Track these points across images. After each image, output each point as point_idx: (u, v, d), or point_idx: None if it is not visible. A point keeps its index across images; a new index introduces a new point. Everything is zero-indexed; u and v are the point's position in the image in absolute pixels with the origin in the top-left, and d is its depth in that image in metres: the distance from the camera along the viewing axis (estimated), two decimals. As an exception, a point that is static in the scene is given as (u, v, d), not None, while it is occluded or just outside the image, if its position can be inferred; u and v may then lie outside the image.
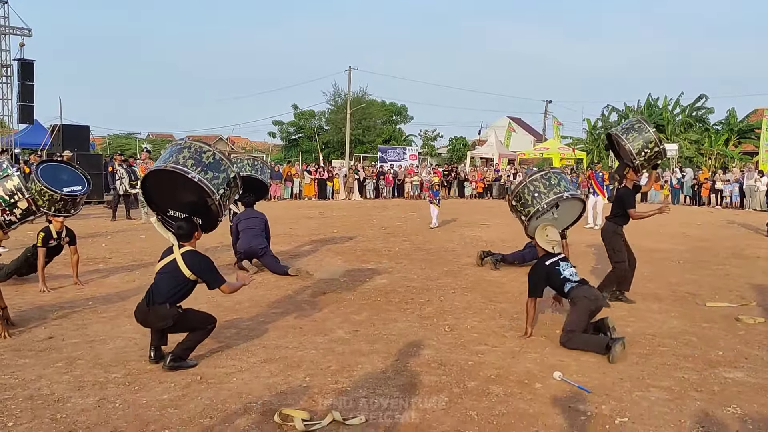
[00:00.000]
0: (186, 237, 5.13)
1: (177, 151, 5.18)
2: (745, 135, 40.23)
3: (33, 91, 22.85)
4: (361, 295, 7.66)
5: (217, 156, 5.23)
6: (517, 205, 6.79)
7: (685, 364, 5.12)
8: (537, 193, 6.60)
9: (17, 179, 6.38)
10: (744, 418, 4.11)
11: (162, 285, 5.00)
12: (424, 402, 4.30)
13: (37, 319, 6.33)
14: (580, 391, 4.52)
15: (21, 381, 4.60)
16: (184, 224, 5.15)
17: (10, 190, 6.32)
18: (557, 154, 36.11)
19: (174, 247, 5.12)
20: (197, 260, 5.06)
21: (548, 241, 6.00)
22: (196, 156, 5.12)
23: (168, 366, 4.83)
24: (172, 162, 5.06)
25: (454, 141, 53.02)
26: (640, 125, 7.48)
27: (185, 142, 5.34)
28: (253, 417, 4.02)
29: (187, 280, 5.01)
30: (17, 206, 6.35)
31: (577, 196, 6.78)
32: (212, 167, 5.14)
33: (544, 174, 6.80)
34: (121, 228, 14.41)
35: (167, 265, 5.05)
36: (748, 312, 6.90)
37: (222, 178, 5.18)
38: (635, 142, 7.31)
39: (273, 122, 51.75)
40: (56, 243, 7.91)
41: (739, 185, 23.78)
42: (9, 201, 6.31)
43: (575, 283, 5.74)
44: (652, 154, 7.40)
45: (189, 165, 5.04)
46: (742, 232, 15.25)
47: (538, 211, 6.52)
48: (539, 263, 5.98)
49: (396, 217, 18.36)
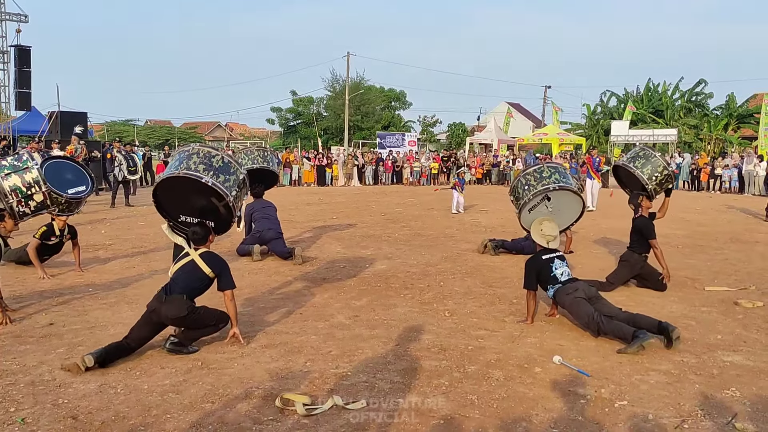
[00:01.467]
0: (201, 241, 5.20)
1: (186, 157, 5.18)
2: (745, 120, 40.20)
3: (30, 77, 22.69)
4: (361, 281, 7.67)
5: (226, 159, 5.25)
6: (514, 200, 6.80)
7: (684, 348, 5.13)
8: (528, 185, 6.61)
9: (36, 172, 6.39)
10: (743, 400, 4.13)
11: (179, 281, 5.06)
12: (424, 386, 4.32)
13: (37, 306, 6.34)
14: (580, 374, 4.55)
15: (22, 367, 4.61)
16: (199, 229, 5.20)
17: (29, 182, 6.33)
18: (556, 139, 36.03)
19: (189, 251, 5.19)
20: (216, 259, 5.20)
21: (542, 235, 5.95)
22: (206, 161, 5.12)
23: (167, 348, 4.84)
24: (184, 168, 5.05)
25: (453, 127, 52.95)
26: (644, 152, 7.55)
27: (192, 148, 5.31)
28: (255, 402, 4.03)
29: (206, 277, 5.10)
30: (33, 198, 6.37)
31: (567, 187, 6.67)
32: (223, 170, 5.16)
33: (537, 168, 6.80)
34: (120, 215, 14.39)
35: (185, 266, 5.12)
36: (747, 296, 6.92)
37: (233, 180, 5.21)
38: (644, 168, 7.35)
39: (271, 109, 51.81)
40: (57, 240, 7.91)
41: (738, 170, 23.76)
42: (26, 193, 6.32)
43: (560, 285, 5.72)
44: (663, 178, 7.41)
45: (201, 170, 5.05)
46: (741, 217, 15.26)
47: (525, 202, 6.50)
48: (536, 256, 5.95)
49: (395, 203, 18.36)
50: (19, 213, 6.31)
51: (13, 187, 6.22)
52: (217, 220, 5.44)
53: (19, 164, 6.33)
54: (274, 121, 52.67)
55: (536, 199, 6.53)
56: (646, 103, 43.56)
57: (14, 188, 6.23)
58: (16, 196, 6.25)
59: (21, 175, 6.28)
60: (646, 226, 7.18)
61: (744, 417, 3.88)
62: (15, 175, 6.26)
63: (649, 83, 44.75)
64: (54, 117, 22.33)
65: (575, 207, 7.00)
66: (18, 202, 6.26)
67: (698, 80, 41.90)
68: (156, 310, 4.90)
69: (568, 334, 5.49)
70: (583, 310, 5.46)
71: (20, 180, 6.27)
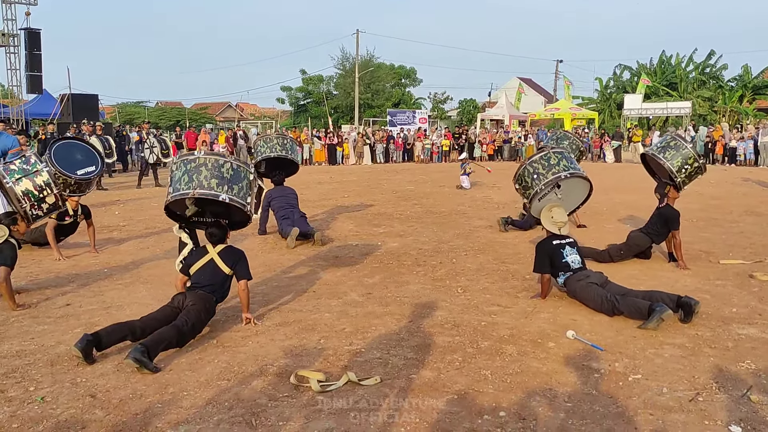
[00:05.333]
0: (220, 241, 5.21)
1: (195, 170, 4.96)
2: (760, 91, 39.55)
3: (41, 60, 22.74)
4: (374, 259, 7.69)
5: (235, 165, 5.09)
6: (520, 189, 6.71)
7: (699, 321, 5.11)
8: (536, 174, 6.49)
9: (46, 174, 6.41)
10: (758, 373, 4.12)
11: (203, 279, 5.07)
12: (437, 362, 4.34)
13: (54, 287, 6.41)
14: (594, 349, 4.55)
15: (40, 347, 4.68)
16: (216, 230, 5.20)
17: (40, 186, 6.36)
18: (568, 114, 35.71)
19: (207, 246, 5.20)
20: (234, 254, 5.20)
21: (554, 222, 5.92)
22: (216, 173, 4.95)
23: (131, 357, 4.14)
24: (197, 187, 4.89)
25: (464, 103, 52.55)
26: (676, 142, 7.40)
27: (198, 159, 5.05)
28: (270, 379, 4.07)
29: (225, 276, 5.13)
30: (45, 201, 6.41)
31: (578, 174, 6.62)
32: (235, 179, 5.02)
33: (543, 155, 6.67)
34: (133, 196, 14.48)
35: (206, 265, 5.12)
36: (762, 269, 6.86)
37: (245, 185, 5.11)
38: (674, 159, 7.22)
39: (281, 88, 51.65)
40: (72, 220, 7.97)
41: (754, 142, 23.46)
42: (38, 196, 6.35)
43: (571, 273, 5.70)
44: (692, 170, 7.29)
45: (215, 186, 4.90)
46: (757, 190, 15.11)
47: (537, 192, 6.44)
48: (547, 240, 5.92)
49: (406, 180, 18.32)
50: (32, 216, 6.37)
51: (26, 191, 6.26)
52: (231, 218, 5.43)
53: (28, 167, 6.37)
54: (284, 101, 52.48)
55: (547, 189, 6.46)
56: (659, 75, 42.95)
57: (27, 192, 6.27)
58: (29, 200, 6.29)
59: (32, 179, 6.32)
60: (673, 216, 7.10)
61: (759, 389, 3.87)
62: (26, 179, 6.30)
63: (663, 56, 44.12)
64: (65, 100, 22.41)
65: (583, 190, 6.92)
66: (31, 206, 6.32)
67: (709, 52, 41.28)
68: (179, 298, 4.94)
69: (581, 310, 5.48)
70: (595, 292, 5.43)
71: (32, 184, 6.31)
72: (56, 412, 3.63)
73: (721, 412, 3.58)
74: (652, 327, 4.89)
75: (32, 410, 3.65)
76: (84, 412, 3.62)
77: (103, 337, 4.43)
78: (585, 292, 5.52)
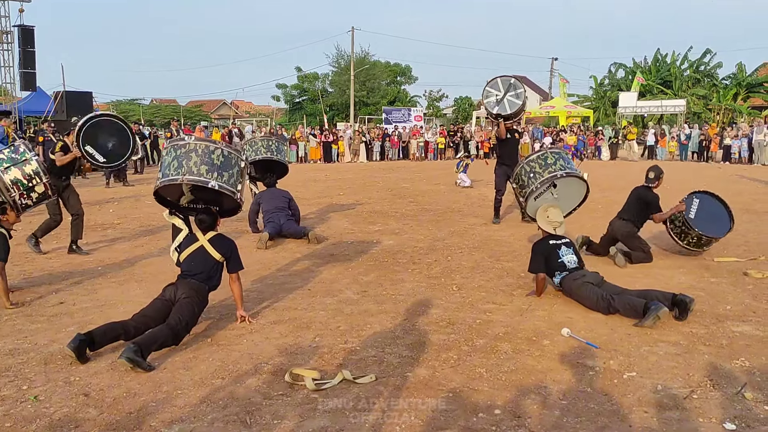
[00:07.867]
0: (210, 228, 5.13)
1: (184, 156, 4.88)
2: (754, 89, 39.69)
3: (34, 57, 22.62)
4: (369, 257, 7.67)
5: (226, 152, 5.01)
6: (517, 188, 6.71)
7: (693, 319, 5.12)
8: (533, 173, 6.50)
9: (35, 163, 6.40)
10: (752, 370, 4.13)
11: (194, 266, 4.99)
12: (432, 360, 4.34)
13: (47, 285, 6.38)
14: (589, 347, 4.55)
15: (34, 345, 4.66)
16: (206, 217, 5.11)
17: (29, 174, 6.34)
18: (563, 112, 35.72)
19: (197, 234, 5.11)
20: (225, 243, 5.12)
21: (549, 222, 5.94)
22: (206, 159, 4.87)
23: (124, 357, 4.11)
24: (186, 173, 4.81)
25: (459, 101, 52.56)
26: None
27: (188, 144, 4.95)
28: (264, 377, 4.06)
29: (216, 263, 5.05)
30: (34, 190, 6.39)
31: (574, 174, 6.61)
32: (225, 166, 4.94)
33: (540, 154, 6.69)
34: (127, 194, 14.43)
35: (195, 252, 5.04)
36: (757, 266, 6.88)
37: (236, 172, 5.03)
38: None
39: (276, 85, 51.50)
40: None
41: (748, 140, 23.53)
42: (27, 185, 6.33)
43: (567, 272, 5.69)
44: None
45: (204, 172, 4.82)
46: (751, 187, 15.13)
47: (532, 191, 6.43)
48: (543, 240, 5.93)
49: (402, 178, 18.31)
50: (21, 205, 6.33)
51: (15, 180, 6.24)
52: (221, 205, 5.34)
53: (17, 156, 6.35)
54: (280, 98, 52.49)
55: (543, 188, 6.46)
56: (654, 73, 43.04)
57: (15, 181, 6.24)
58: (18, 189, 6.27)
59: (21, 168, 6.30)
60: (656, 201, 7.21)
61: (754, 387, 3.87)
62: (15, 168, 6.27)
63: (658, 54, 44.18)
64: (59, 97, 22.32)
65: (579, 191, 6.92)
66: (20, 195, 6.28)
67: (705, 50, 41.40)
68: (172, 289, 4.87)
69: (576, 308, 5.48)
70: (591, 290, 5.43)
71: (21, 173, 6.28)
72: (50, 411, 3.61)
73: (715, 410, 3.58)
74: (648, 325, 4.89)
75: (25, 409, 3.63)
76: (77, 411, 3.60)
77: (96, 337, 4.40)
78: (581, 290, 5.51)
